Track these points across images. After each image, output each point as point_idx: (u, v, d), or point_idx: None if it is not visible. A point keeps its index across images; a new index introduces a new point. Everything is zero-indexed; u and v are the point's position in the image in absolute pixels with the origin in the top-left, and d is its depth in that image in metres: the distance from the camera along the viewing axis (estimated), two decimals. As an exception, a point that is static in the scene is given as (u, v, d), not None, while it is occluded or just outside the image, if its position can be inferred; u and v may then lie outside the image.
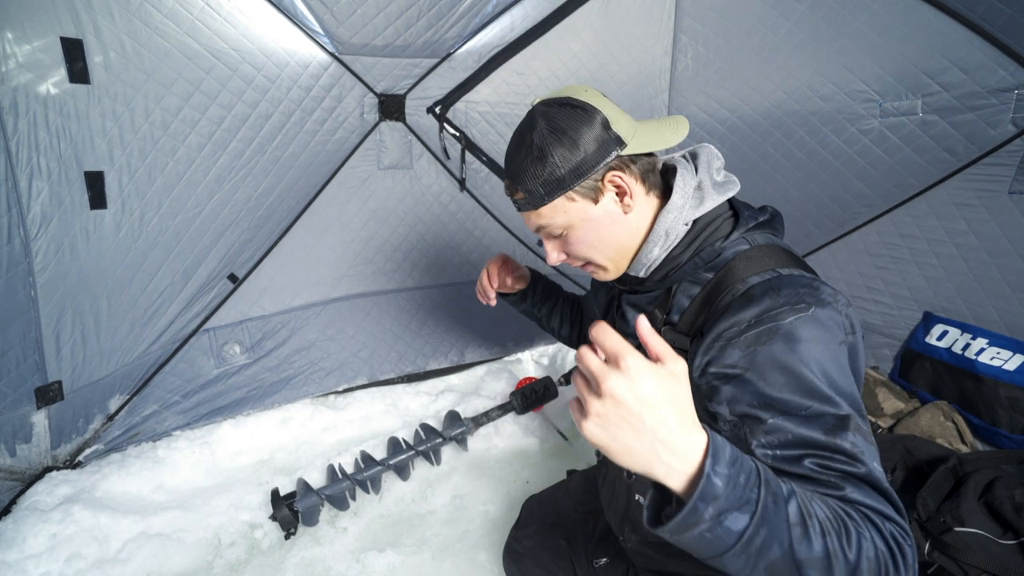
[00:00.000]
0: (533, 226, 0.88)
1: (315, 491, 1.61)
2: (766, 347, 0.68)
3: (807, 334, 0.68)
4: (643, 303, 0.91)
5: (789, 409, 0.66)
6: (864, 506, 0.61)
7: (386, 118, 1.95)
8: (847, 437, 0.64)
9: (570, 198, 0.81)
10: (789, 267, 0.75)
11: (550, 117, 0.80)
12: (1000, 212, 1.46)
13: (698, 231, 0.83)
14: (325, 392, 2.20)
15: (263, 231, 1.94)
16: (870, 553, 0.56)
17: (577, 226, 0.84)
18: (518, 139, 0.84)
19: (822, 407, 0.65)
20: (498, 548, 1.44)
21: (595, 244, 0.86)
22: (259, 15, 1.52)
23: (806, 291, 0.70)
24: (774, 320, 0.69)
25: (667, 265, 0.85)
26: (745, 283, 0.74)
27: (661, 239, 0.83)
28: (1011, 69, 1.30)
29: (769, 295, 0.70)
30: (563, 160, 0.79)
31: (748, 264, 0.76)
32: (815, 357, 0.67)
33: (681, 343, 0.80)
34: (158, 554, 1.48)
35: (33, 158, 1.33)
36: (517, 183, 0.84)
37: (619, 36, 1.94)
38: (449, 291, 2.40)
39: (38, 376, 1.53)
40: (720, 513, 0.51)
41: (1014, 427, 1.52)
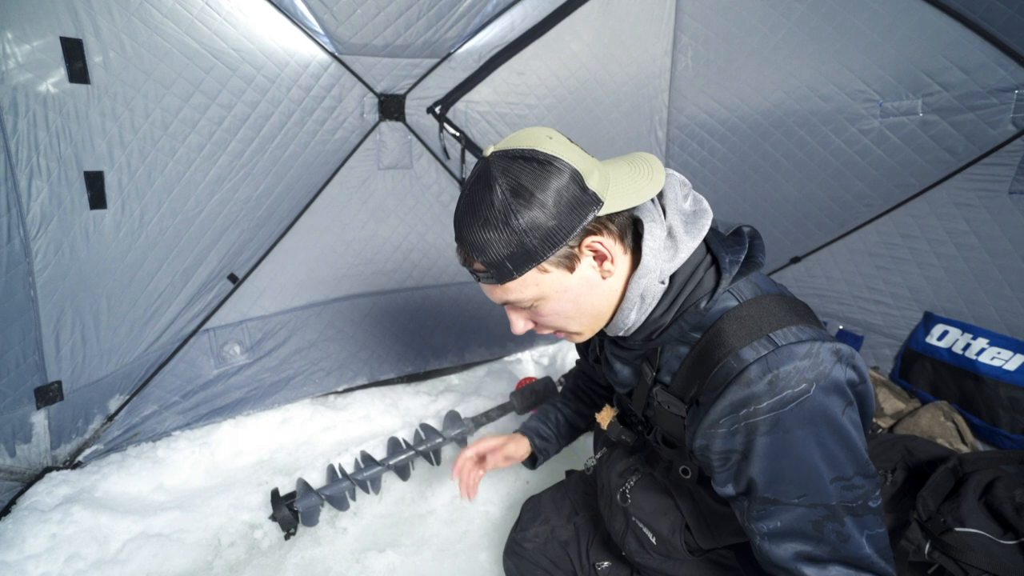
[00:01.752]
0: (497, 300, 0.76)
1: (315, 491, 1.61)
2: (766, 437, 0.66)
3: (810, 418, 0.65)
4: (629, 358, 0.87)
5: (782, 497, 0.68)
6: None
7: (386, 118, 1.95)
8: (830, 526, 0.67)
9: (543, 270, 0.70)
10: (783, 327, 0.68)
11: (512, 175, 0.67)
12: (1000, 212, 1.46)
13: (677, 289, 0.74)
14: (325, 392, 2.20)
15: (263, 231, 1.93)
16: None
17: (550, 298, 0.73)
18: (473, 199, 0.69)
19: (815, 497, 0.67)
20: (498, 548, 1.44)
21: (570, 314, 0.76)
22: (259, 15, 1.52)
23: (806, 365, 0.65)
24: (772, 410, 0.65)
25: (648, 327, 0.77)
26: (739, 359, 0.67)
27: (636, 303, 0.75)
28: (1011, 69, 1.31)
29: (767, 379, 0.65)
30: (533, 228, 0.66)
31: (739, 328, 0.69)
32: (820, 440, 0.66)
33: (676, 407, 0.79)
34: (158, 554, 1.48)
35: (33, 158, 1.33)
36: (476, 254, 0.70)
37: (619, 36, 1.93)
38: (449, 291, 2.40)
39: (38, 376, 1.53)
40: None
41: (1014, 427, 1.52)
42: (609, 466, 1.02)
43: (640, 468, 0.97)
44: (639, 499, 0.94)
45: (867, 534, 0.68)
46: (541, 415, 1.31)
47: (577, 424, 1.30)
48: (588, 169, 0.69)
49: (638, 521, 0.95)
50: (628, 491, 0.96)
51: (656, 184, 0.74)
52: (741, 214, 1.95)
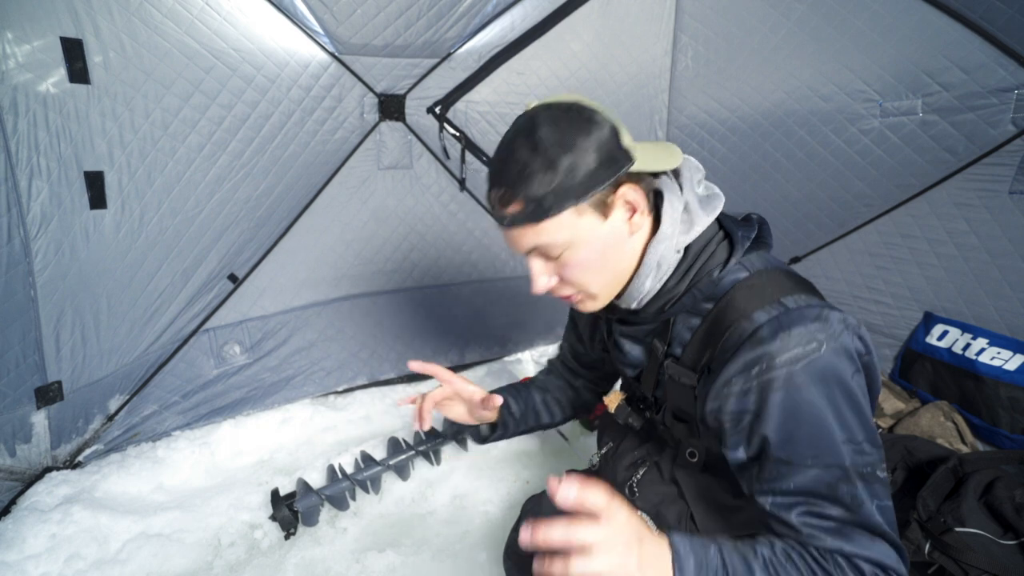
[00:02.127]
0: (527, 245, 0.76)
1: (315, 491, 1.61)
2: (779, 394, 0.67)
3: (822, 376, 0.66)
4: (639, 334, 0.87)
5: (794, 458, 0.67)
6: (850, 555, 0.65)
7: (386, 118, 1.95)
8: (845, 488, 0.66)
9: (579, 212, 0.72)
10: (794, 294, 0.71)
11: (555, 120, 0.72)
12: (1000, 212, 1.46)
13: (692, 259, 0.77)
14: (325, 392, 2.20)
15: (263, 231, 1.93)
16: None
17: (580, 245, 0.74)
18: (516, 142, 0.74)
19: (828, 457, 0.66)
20: (498, 548, 1.44)
21: (595, 267, 0.76)
22: (259, 15, 1.52)
23: (816, 327, 0.67)
24: (788, 365, 0.66)
25: (662, 297, 0.79)
26: (751, 320, 0.70)
27: (653, 270, 0.77)
28: (1011, 69, 1.31)
29: (780, 337, 0.67)
30: (574, 167, 0.70)
31: (750, 296, 0.72)
32: (831, 400, 0.67)
33: (687, 378, 0.79)
34: (158, 554, 1.48)
35: (33, 158, 1.33)
36: (517, 191, 0.72)
37: (619, 36, 1.94)
38: (449, 291, 2.40)
39: (38, 376, 1.53)
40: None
41: (1014, 427, 1.52)
42: (615, 461, 1.02)
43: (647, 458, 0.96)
44: (645, 491, 0.94)
45: (877, 504, 0.67)
46: (513, 391, 1.17)
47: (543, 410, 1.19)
48: (622, 129, 0.74)
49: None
50: (635, 484, 0.95)
51: (676, 158, 0.78)
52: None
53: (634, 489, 0.95)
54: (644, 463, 0.97)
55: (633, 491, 0.95)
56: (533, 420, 1.17)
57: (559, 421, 1.22)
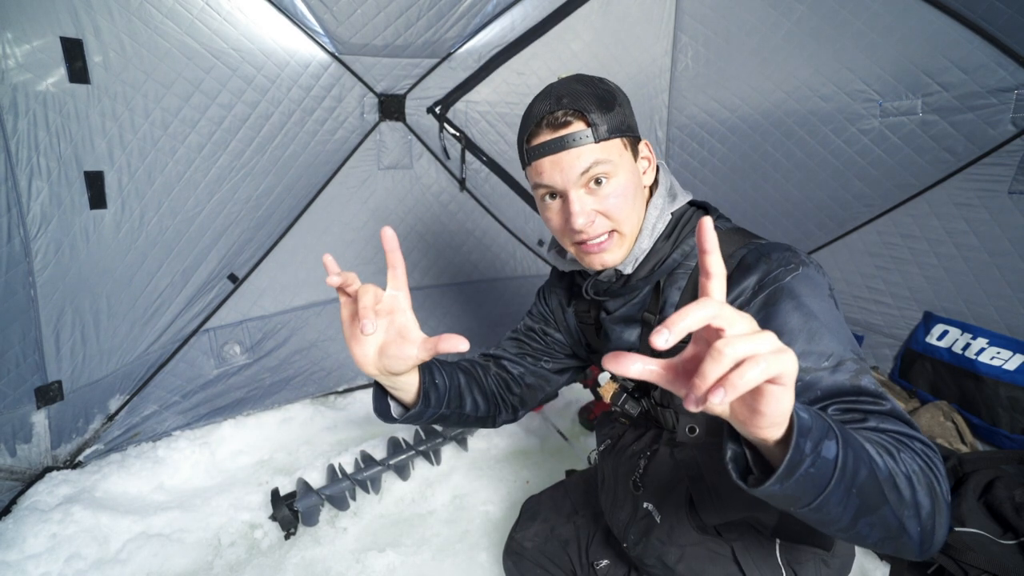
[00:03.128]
0: (582, 165, 0.78)
1: (315, 491, 1.61)
2: (776, 307, 0.72)
3: (808, 289, 0.73)
4: (632, 312, 0.90)
5: (812, 365, 0.68)
6: (893, 432, 0.63)
7: (386, 118, 1.95)
8: (866, 379, 0.67)
9: (625, 144, 0.83)
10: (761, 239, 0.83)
11: (596, 80, 0.85)
12: (1000, 212, 1.46)
13: (674, 223, 0.88)
14: (325, 392, 2.20)
15: (263, 231, 1.94)
16: (914, 467, 0.58)
17: (621, 174, 0.83)
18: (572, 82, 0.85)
19: (841, 355, 0.69)
20: (498, 548, 1.44)
21: (629, 199, 0.83)
22: (259, 15, 1.52)
23: (790, 254, 0.76)
24: (776, 281, 0.73)
25: (651, 259, 0.87)
26: (733, 256, 0.79)
27: (649, 230, 0.86)
28: (1011, 69, 1.30)
29: (763, 260, 0.76)
30: (623, 110, 0.83)
31: (728, 242, 0.82)
32: (822, 308, 0.72)
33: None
34: (158, 554, 1.48)
35: (33, 158, 1.33)
36: (588, 111, 0.79)
37: (619, 36, 1.94)
38: (449, 291, 2.40)
39: (38, 376, 1.53)
40: (816, 444, 0.49)
41: (1014, 427, 1.52)
42: (615, 457, 1.01)
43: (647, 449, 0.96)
44: (648, 481, 0.94)
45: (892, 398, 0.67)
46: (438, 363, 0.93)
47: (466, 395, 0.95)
48: None
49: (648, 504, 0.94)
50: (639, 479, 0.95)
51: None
52: (741, 214, 1.95)
53: (638, 484, 0.95)
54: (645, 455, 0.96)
55: (638, 486, 0.95)
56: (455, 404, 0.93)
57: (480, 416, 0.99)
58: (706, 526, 0.89)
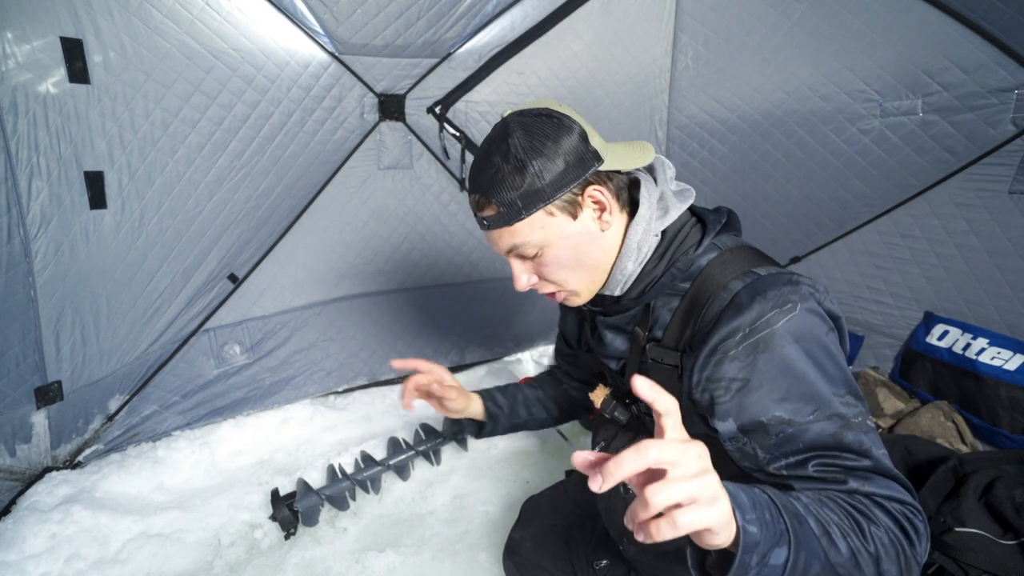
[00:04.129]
0: (504, 246, 0.82)
1: (315, 491, 1.61)
2: (765, 355, 0.69)
3: (800, 334, 0.69)
4: (622, 323, 0.89)
5: (795, 416, 0.67)
6: (872, 495, 0.64)
7: (386, 118, 1.95)
8: (851, 435, 0.66)
9: (549, 212, 0.77)
10: (763, 265, 0.76)
11: (526, 127, 0.76)
12: (1000, 212, 1.46)
13: (668, 241, 0.83)
14: (325, 392, 2.20)
15: (263, 231, 1.94)
16: (884, 540, 0.60)
17: (554, 244, 0.80)
18: (490, 149, 0.79)
19: (827, 409, 0.67)
20: (498, 548, 1.44)
21: (571, 264, 0.82)
22: (259, 15, 1.52)
23: (789, 289, 0.71)
24: (768, 326, 0.69)
25: (642, 280, 0.83)
26: (728, 290, 0.74)
27: (634, 253, 0.82)
28: (1011, 69, 1.30)
29: (757, 300, 0.71)
30: (543, 171, 0.75)
31: (724, 268, 0.77)
32: (812, 356, 0.69)
33: (670, 358, 0.80)
34: (158, 554, 1.48)
35: (33, 158, 1.33)
36: (491, 196, 0.77)
37: (619, 36, 1.93)
38: (449, 291, 2.40)
39: (38, 376, 1.53)
40: (764, 555, 0.52)
41: (1014, 427, 1.52)
42: None
43: None
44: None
45: (879, 451, 0.67)
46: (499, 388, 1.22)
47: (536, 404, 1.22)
48: (591, 132, 0.79)
49: None
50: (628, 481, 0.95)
51: (647, 156, 0.83)
52: (741, 214, 1.94)
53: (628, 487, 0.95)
54: None
55: (627, 489, 0.95)
56: (524, 414, 1.21)
57: (554, 418, 1.26)
58: None
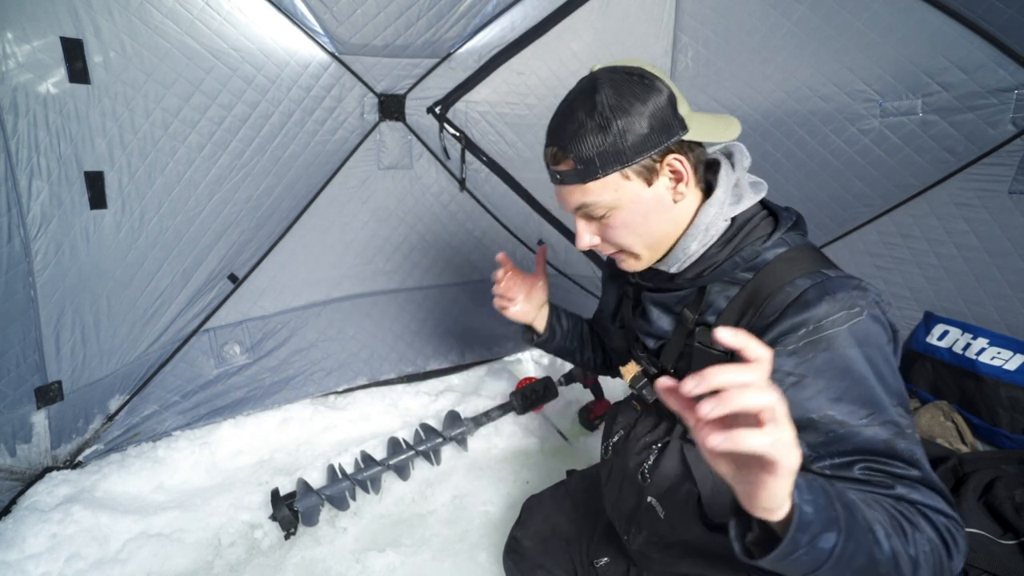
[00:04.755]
0: (574, 203, 0.80)
1: (315, 491, 1.61)
2: (826, 354, 0.68)
3: (864, 340, 0.68)
4: (671, 302, 0.88)
5: (848, 418, 0.67)
6: (918, 504, 0.63)
7: (386, 118, 1.95)
8: (903, 444, 0.66)
9: (625, 175, 0.76)
10: (831, 268, 0.75)
11: (616, 84, 0.74)
12: (1000, 212, 1.46)
13: (736, 229, 0.81)
14: (325, 392, 2.20)
15: (263, 231, 1.94)
16: (925, 548, 0.59)
17: (624, 208, 0.78)
18: (575, 103, 0.77)
19: (882, 415, 0.67)
20: (498, 548, 1.44)
21: (637, 230, 0.80)
22: (259, 15, 1.53)
23: (857, 294, 0.70)
24: (833, 326, 0.68)
25: (702, 263, 0.82)
26: (795, 286, 0.72)
27: (701, 234, 0.80)
28: (1011, 69, 1.30)
29: (825, 300, 0.69)
30: (627, 131, 0.73)
31: (791, 266, 0.75)
32: (873, 362, 0.68)
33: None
34: (158, 554, 1.48)
35: (33, 158, 1.33)
36: (568, 151, 0.76)
37: (619, 36, 1.93)
38: (449, 291, 2.40)
39: (38, 376, 1.53)
40: (814, 536, 0.52)
41: (1014, 427, 1.52)
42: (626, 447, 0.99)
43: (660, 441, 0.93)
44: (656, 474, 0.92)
45: (927, 464, 0.67)
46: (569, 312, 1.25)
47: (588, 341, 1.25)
48: (680, 99, 0.77)
49: (652, 498, 0.92)
50: (647, 470, 0.93)
51: (733, 132, 0.83)
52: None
53: (646, 475, 0.93)
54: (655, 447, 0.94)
55: (645, 477, 0.93)
56: (577, 342, 1.24)
57: (597, 364, 1.28)
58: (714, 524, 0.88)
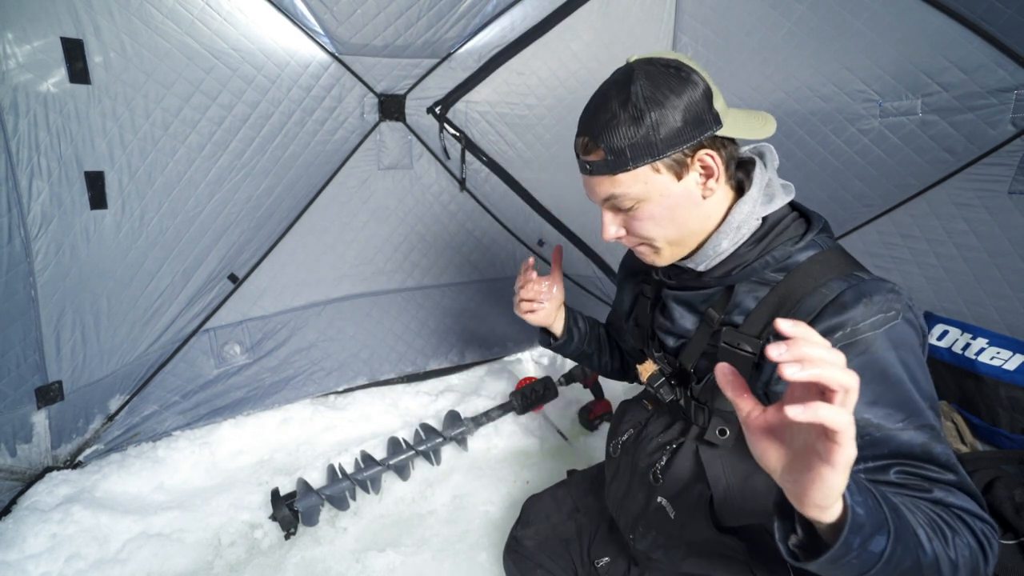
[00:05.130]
0: (602, 194, 0.80)
1: (315, 491, 1.61)
2: (863, 356, 0.68)
3: (900, 343, 0.68)
4: (695, 301, 0.87)
5: (885, 421, 0.67)
6: (955, 508, 0.63)
7: (386, 118, 1.95)
8: (940, 447, 0.66)
9: (655, 168, 0.75)
10: (864, 272, 0.75)
11: (652, 76, 0.74)
12: (1000, 212, 1.46)
13: (767, 229, 0.80)
14: (325, 392, 2.20)
15: (263, 231, 1.94)
16: (965, 552, 0.60)
17: (652, 201, 0.77)
18: (610, 93, 0.77)
19: (918, 419, 0.67)
20: (498, 548, 1.44)
21: (663, 224, 0.79)
22: (259, 15, 1.53)
23: (892, 297, 0.70)
24: (871, 329, 0.68)
25: (731, 262, 0.81)
26: (830, 288, 0.72)
27: (732, 232, 0.79)
28: (1011, 69, 1.30)
29: (862, 302, 0.69)
30: (660, 124, 0.72)
31: (825, 268, 0.75)
32: (908, 365, 0.68)
33: (749, 345, 0.78)
34: (158, 554, 1.48)
35: (33, 158, 1.33)
36: (600, 141, 0.75)
37: (619, 36, 1.93)
38: (449, 291, 2.40)
39: (38, 376, 1.53)
40: (866, 540, 0.51)
41: (1014, 427, 1.52)
42: (637, 447, 0.98)
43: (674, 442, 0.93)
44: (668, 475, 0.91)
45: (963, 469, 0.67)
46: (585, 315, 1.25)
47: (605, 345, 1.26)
48: (716, 93, 0.76)
49: (663, 498, 0.91)
50: (659, 471, 0.92)
51: (769, 129, 0.81)
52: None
53: (658, 476, 0.92)
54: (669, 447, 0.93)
55: (657, 478, 0.93)
56: (594, 346, 1.24)
57: (615, 368, 1.28)
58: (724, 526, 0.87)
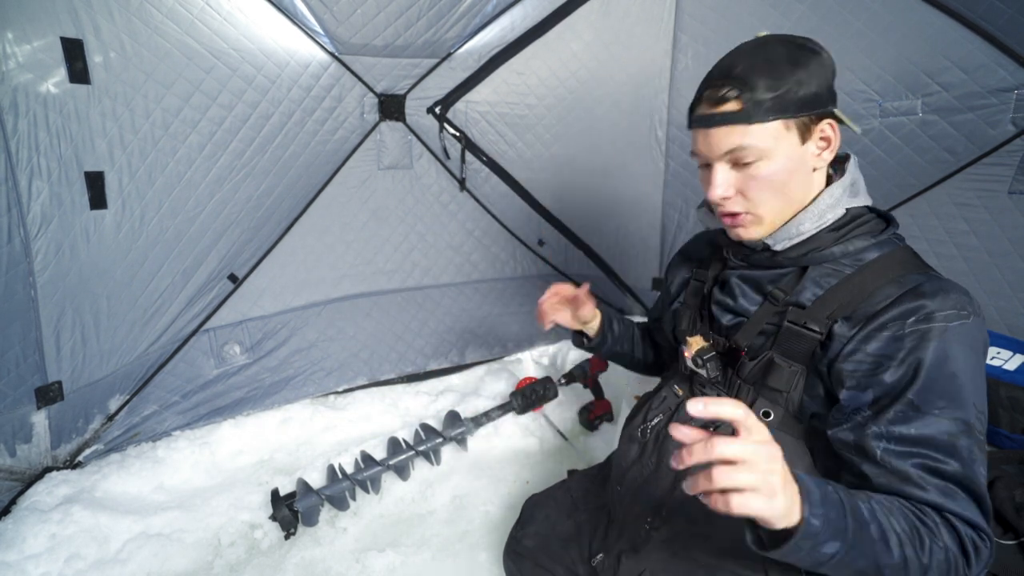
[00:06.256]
0: (727, 146, 0.79)
1: (315, 491, 1.61)
2: (931, 344, 0.70)
3: (966, 340, 0.71)
4: (763, 280, 0.88)
5: (924, 405, 0.69)
6: (948, 511, 0.67)
7: (386, 118, 1.95)
8: (965, 442, 0.68)
9: (787, 126, 0.77)
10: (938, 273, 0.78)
11: (793, 42, 0.78)
12: (1000, 212, 1.46)
13: (848, 219, 0.83)
14: (325, 392, 2.20)
15: (263, 231, 1.94)
16: (939, 557, 0.64)
17: (775, 158, 0.78)
18: (749, 51, 0.79)
19: (955, 411, 0.69)
20: (498, 548, 1.44)
21: (777, 186, 0.80)
22: (259, 15, 1.53)
23: (967, 299, 0.73)
24: (944, 320, 0.70)
25: (807, 245, 0.83)
26: (908, 279, 0.75)
27: (817, 216, 0.81)
28: (1011, 69, 1.30)
29: (940, 295, 0.72)
30: (802, 83, 0.75)
31: (903, 264, 0.78)
32: (970, 364, 0.71)
33: (817, 325, 0.79)
34: (158, 554, 1.48)
35: (33, 158, 1.33)
36: (743, 88, 0.76)
37: (619, 36, 1.94)
38: (449, 291, 2.40)
39: (38, 376, 1.53)
40: (818, 545, 0.58)
41: (1014, 427, 1.52)
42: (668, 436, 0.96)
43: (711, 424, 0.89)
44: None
45: (981, 467, 0.69)
46: (618, 315, 1.28)
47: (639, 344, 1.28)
48: None
49: None
50: None
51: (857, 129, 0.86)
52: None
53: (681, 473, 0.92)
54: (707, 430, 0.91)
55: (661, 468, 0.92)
56: (628, 346, 1.27)
57: (649, 363, 1.31)
58: None
